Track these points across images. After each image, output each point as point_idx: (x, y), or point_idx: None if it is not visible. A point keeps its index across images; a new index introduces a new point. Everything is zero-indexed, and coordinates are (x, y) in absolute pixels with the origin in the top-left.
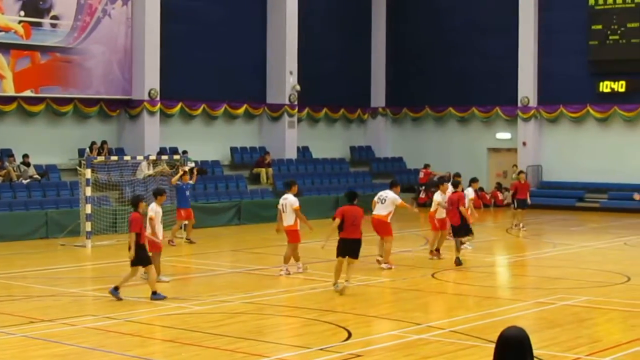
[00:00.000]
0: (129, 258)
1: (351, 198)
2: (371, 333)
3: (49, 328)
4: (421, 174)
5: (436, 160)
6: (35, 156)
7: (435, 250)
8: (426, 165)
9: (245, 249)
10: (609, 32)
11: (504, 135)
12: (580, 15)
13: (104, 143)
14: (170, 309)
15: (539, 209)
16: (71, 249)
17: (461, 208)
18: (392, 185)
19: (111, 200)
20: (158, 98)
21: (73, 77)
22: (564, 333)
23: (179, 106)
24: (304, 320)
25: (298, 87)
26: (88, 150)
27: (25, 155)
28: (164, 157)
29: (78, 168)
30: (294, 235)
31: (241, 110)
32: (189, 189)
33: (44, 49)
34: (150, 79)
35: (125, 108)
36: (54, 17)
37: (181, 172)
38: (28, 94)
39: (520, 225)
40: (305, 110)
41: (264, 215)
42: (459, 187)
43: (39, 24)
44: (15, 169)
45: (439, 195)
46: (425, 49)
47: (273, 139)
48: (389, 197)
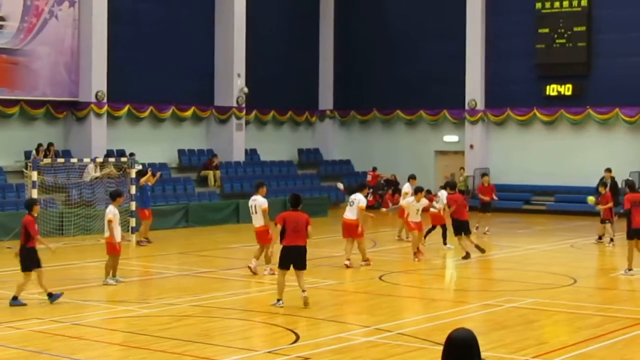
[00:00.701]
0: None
1: (295, 203)
2: (319, 336)
3: None
4: (369, 177)
5: (384, 163)
6: None
7: (417, 251)
8: (374, 168)
9: (193, 251)
10: (555, 36)
11: (451, 138)
12: (527, 19)
13: (50, 145)
14: (118, 312)
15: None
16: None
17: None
18: (359, 188)
19: (58, 202)
20: (105, 100)
21: (19, 79)
22: (511, 335)
23: (126, 108)
24: (252, 323)
25: (246, 90)
26: (34, 152)
27: None
28: (111, 160)
29: (24, 170)
30: (263, 236)
31: (189, 113)
32: (150, 190)
33: None
34: (97, 81)
35: (72, 110)
36: (0, 19)
37: (149, 173)
38: None
39: (486, 228)
40: (253, 113)
41: (211, 217)
42: (456, 189)
43: None
44: None
45: (413, 200)
46: (373, 52)
47: (221, 141)
48: (356, 200)
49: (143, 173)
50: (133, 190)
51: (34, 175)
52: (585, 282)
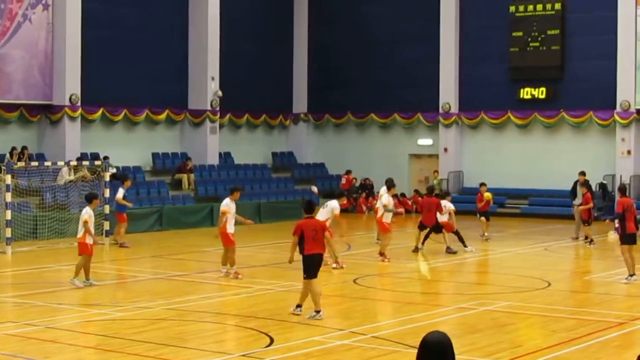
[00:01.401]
0: None
1: (309, 209)
2: (293, 339)
3: None
4: (343, 180)
5: (358, 166)
6: None
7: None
8: (348, 172)
9: (167, 254)
10: (529, 39)
11: (425, 141)
12: (501, 22)
13: (24, 148)
14: (92, 315)
15: (459, 214)
16: None
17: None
18: (338, 195)
19: (32, 206)
20: (79, 103)
21: None
22: (485, 338)
23: (100, 111)
24: (226, 326)
25: (220, 93)
26: (8, 155)
27: None
28: (85, 163)
29: None
30: (224, 238)
31: (163, 116)
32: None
33: None
34: (71, 84)
35: (45, 113)
36: None
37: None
38: None
39: (485, 234)
40: (227, 116)
41: (185, 221)
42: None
43: None
44: None
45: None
46: (347, 56)
47: (195, 144)
48: (329, 205)
49: (117, 177)
50: (107, 194)
51: (8, 178)
52: (559, 285)
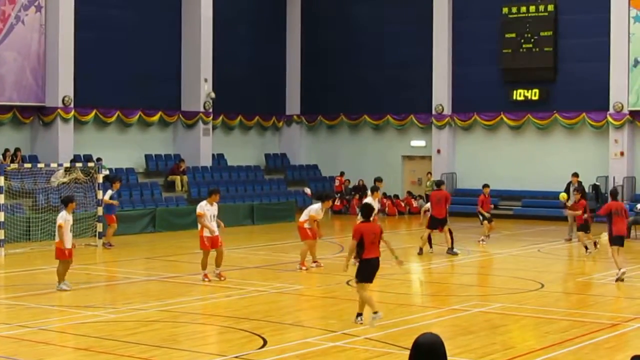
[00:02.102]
0: None
1: (367, 214)
2: (286, 340)
3: None
4: (336, 182)
5: (351, 168)
6: None
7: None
8: (341, 173)
9: (160, 256)
10: (522, 41)
11: (418, 142)
12: (494, 24)
13: (17, 150)
14: (84, 317)
15: (452, 216)
16: None
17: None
18: (323, 198)
19: (24, 208)
20: (72, 105)
21: None
22: (478, 340)
23: (93, 113)
24: (219, 327)
25: (213, 95)
26: (1, 157)
27: None
28: (78, 165)
29: None
30: (200, 241)
31: (156, 118)
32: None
33: None
34: (64, 86)
35: (38, 115)
36: None
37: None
38: None
39: (486, 236)
40: (220, 118)
41: (178, 223)
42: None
43: None
44: None
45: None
46: (340, 57)
47: (188, 146)
48: (310, 207)
49: (110, 179)
50: (100, 196)
51: (1, 180)
52: (552, 287)
